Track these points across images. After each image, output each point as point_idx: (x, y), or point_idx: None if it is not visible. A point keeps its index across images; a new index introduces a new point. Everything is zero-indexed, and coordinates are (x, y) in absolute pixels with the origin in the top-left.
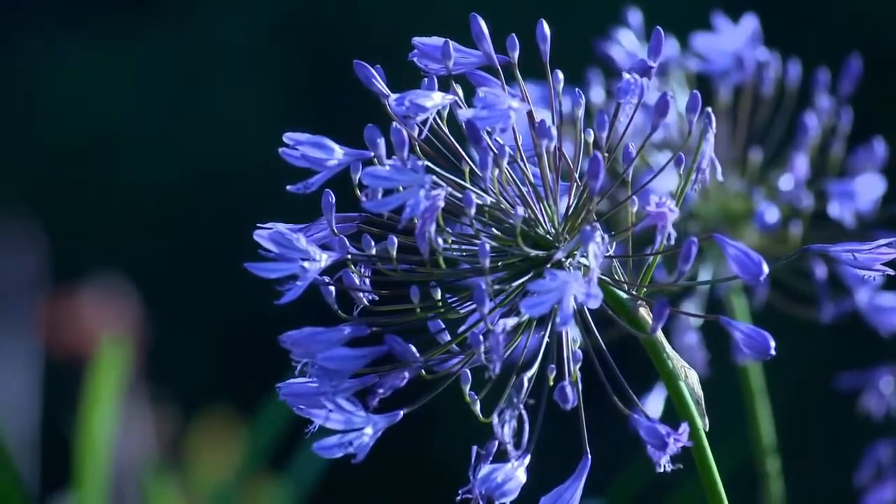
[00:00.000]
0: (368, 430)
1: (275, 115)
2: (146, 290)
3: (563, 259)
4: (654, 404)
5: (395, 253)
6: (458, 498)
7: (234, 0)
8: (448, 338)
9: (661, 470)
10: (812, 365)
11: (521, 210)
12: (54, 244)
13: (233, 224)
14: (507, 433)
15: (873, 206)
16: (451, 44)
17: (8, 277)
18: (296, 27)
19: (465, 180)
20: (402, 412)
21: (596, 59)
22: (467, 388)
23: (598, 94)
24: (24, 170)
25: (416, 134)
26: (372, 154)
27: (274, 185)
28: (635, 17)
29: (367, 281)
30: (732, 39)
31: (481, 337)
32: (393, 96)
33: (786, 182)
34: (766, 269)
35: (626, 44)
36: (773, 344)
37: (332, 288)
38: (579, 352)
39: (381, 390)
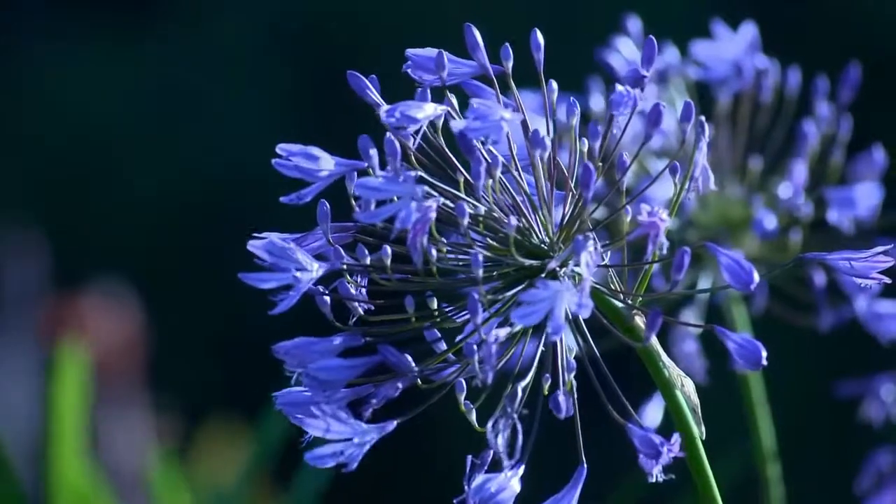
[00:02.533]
0: (358, 440)
1: (276, 121)
2: (147, 297)
3: (558, 268)
4: (652, 414)
5: (389, 263)
6: None
7: (235, 6)
8: (444, 347)
9: (654, 480)
10: (812, 372)
11: (514, 220)
12: (56, 250)
13: (234, 229)
14: (500, 443)
15: (872, 214)
16: (445, 54)
17: (10, 283)
18: (297, 32)
19: (459, 190)
20: (394, 422)
21: (596, 66)
22: (462, 398)
23: (597, 101)
24: (25, 175)
25: (410, 144)
26: (365, 164)
27: (275, 191)
28: (635, 24)
29: (362, 290)
30: (731, 47)
31: (475, 347)
32: (384, 107)
33: (785, 190)
34: (756, 277)
35: (625, 52)
36: (764, 354)
37: (328, 298)
38: (574, 361)
39: (374, 401)
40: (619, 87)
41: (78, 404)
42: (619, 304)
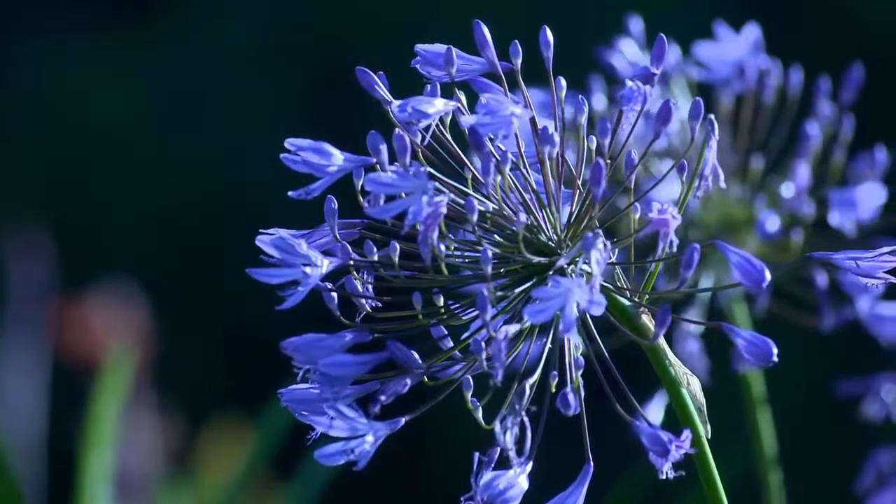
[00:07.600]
0: (370, 438)
1: (279, 120)
2: (153, 297)
3: (566, 266)
4: (655, 411)
5: (397, 259)
6: None
7: (235, 6)
8: (451, 344)
9: (664, 477)
10: (813, 373)
11: (523, 217)
12: (61, 251)
13: (235, 229)
14: (508, 440)
15: (874, 215)
16: (454, 51)
17: (16, 284)
18: (297, 33)
19: (467, 187)
20: (403, 419)
21: (597, 66)
22: (469, 395)
23: (599, 101)
24: (30, 176)
25: (418, 140)
26: (374, 160)
27: (279, 190)
28: (637, 25)
29: (370, 287)
30: (734, 48)
31: (483, 344)
32: (396, 102)
33: (787, 190)
34: (768, 276)
35: (627, 52)
36: (775, 350)
37: (335, 294)
38: (581, 358)
39: (382, 397)
40: (628, 83)
41: (116, 411)
42: (627, 302)
